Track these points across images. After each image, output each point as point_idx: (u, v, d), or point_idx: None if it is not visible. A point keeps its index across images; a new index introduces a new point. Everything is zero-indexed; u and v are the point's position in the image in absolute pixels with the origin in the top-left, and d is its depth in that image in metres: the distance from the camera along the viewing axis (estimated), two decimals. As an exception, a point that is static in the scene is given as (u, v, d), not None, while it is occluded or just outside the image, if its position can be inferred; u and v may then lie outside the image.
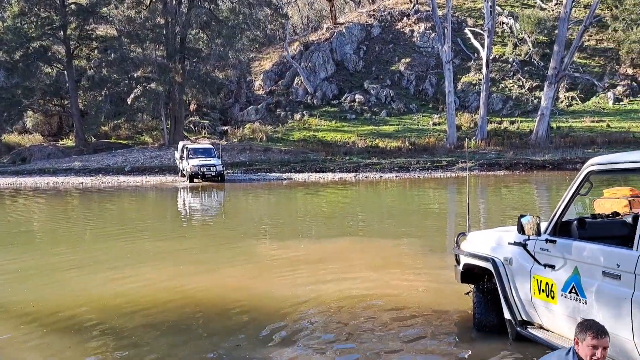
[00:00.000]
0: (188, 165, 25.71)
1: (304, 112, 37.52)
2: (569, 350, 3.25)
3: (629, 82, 37.34)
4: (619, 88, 36.95)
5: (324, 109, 38.01)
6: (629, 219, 4.00)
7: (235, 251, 9.65)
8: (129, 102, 33.85)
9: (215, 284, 7.14)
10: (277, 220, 14.45)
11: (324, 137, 34.07)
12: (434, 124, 35.47)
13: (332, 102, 38.81)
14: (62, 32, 33.65)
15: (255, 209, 17.41)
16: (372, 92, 38.86)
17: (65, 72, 34.25)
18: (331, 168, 28.39)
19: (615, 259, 3.36)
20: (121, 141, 35.50)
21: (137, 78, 33.94)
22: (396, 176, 26.69)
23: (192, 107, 38.50)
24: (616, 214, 4.38)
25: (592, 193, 4.51)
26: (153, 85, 32.83)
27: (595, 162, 3.79)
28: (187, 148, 26.97)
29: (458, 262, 5.36)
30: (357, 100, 38.29)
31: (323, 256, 8.96)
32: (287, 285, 7.00)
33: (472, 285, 5.19)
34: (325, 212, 16.19)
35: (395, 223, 13.25)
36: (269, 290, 6.79)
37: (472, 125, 34.22)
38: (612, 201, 4.62)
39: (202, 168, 25.31)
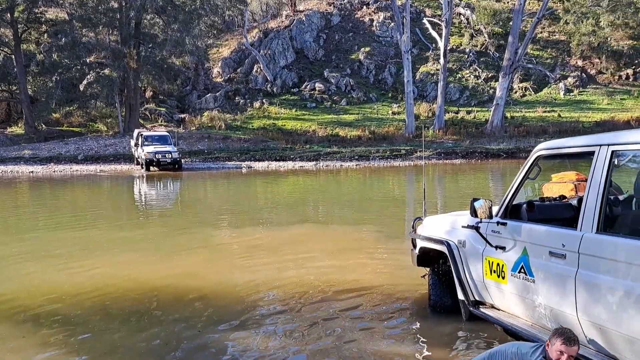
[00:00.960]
0: (143, 152, 25.14)
1: (264, 100, 37.25)
2: (541, 348, 3.39)
3: (579, 73, 38.80)
4: (569, 79, 38.35)
5: (284, 97, 37.84)
6: (575, 202, 4.17)
7: (193, 239, 9.53)
8: (81, 89, 32.75)
9: (173, 272, 7.04)
10: (236, 208, 14.34)
11: (284, 125, 33.95)
12: (393, 113, 35.90)
13: (292, 90, 38.65)
14: (9, 15, 32.08)
15: (213, 198, 17.22)
16: (332, 80, 38.93)
17: (13, 57, 32.75)
18: (291, 157, 28.36)
19: (561, 240, 3.51)
20: (74, 129, 34.28)
21: (90, 63, 32.83)
22: (356, 165, 26.91)
23: (148, 94, 37.55)
24: (563, 197, 4.57)
25: (541, 178, 4.68)
26: (107, 71, 31.84)
27: (543, 147, 3.93)
28: (141, 135, 26.37)
29: (414, 246, 5.48)
30: (317, 88, 38.27)
31: (282, 243, 8.97)
32: (246, 272, 6.98)
33: (428, 269, 5.32)
34: (285, 200, 16.18)
35: (355, 210, 13.38)
36: (227, 277, 6.76)
37: (430, 114, 34.82)
38: (559, 185, 4.81)
39: (157, 155, 24.80)
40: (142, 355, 4.34)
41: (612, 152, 3.27)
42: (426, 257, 5.28)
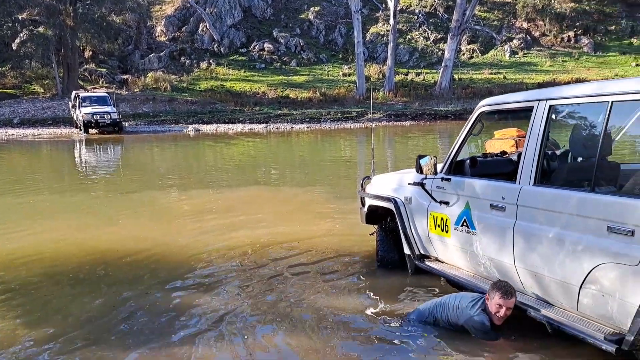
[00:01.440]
0: (80, 113, 24.14)
1: (211, 61, 36.18)
2: (481, 301, 3.56)
3: (524, 35, 39.72)
4: (514, 41, 39.22)
5: (231, 58, 36.87)
6: (515, 157, 4.31)
7: (139, 202, 9.31)
8: (14, 48, 30.64)
9: (119, 236, 6.87)
10: (184, 171, 14.07)
11: (233, 87, 33.22)
12: (344, 74, 35.76)
13: (240, 50, 37.68)
14: None
15: (160, 161, 16.79)
16: (282, 41, 38.18)
17: None
18: (241, 119, 27.91)
19: (500, 193, 3.63)
20: (7, 91, 32.27)
21: (23, 21, 30.69)
22: (307, 127, 26.82)
23: (88, 54, 35.66)
24: (504, 152, 4.71)
25: (485, 135, 4.80)
26: (41, 29, 29.90)
27: (486, 103, 4.01)
28: (79, 96, 25.26)
29: (363, 204, 5.55)
30: (266, 49, 37.48)
31: (232, 204, 8.91)
32: (195, 234, 6.91)
33: (377, 226, 5.42)
34: (235, 163, 15.99)
35: (306, 172, 13.40)
36: (176, 240, 6.66)
37: (380, 76, 34.92)
38: (501, 141, 4.95)
39: (95, 116, 23.86)
40: (87, 318, 4.25)
41: (550, 106, 3.37)
42: (374, 215, 5.36)
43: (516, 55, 38.43)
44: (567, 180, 3.46)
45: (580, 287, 3.05)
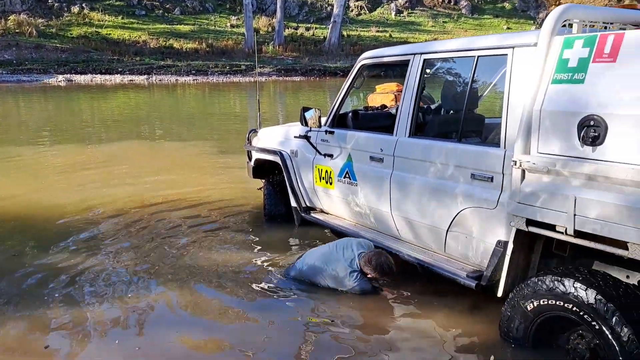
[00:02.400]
0: None
1: (84, 5, 32.86)
2: (358, 270, 3.60)
3: (409, -5, 40.89)
4: (400, 0, 40.31)
5: (107, 3, 33.78)
6: (394, 111, 4.50)
7: (4, 159, 8.41)
8: None
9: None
10: (56, 126, 12.90)
11: (110, 34, 30.62)
12: (232, 26, 34.52)
13: (118, -6, 34.63)
14: None
15: (27, 114, 15.22)
16: (165, -14, 35.67)
17: None
18: (119, 69, 25.99)
19: (379, 145, 3.79)
20: None
21: None
22: (194, 80, 25.74)
23: None
24: (384, 106, 4.90)
25: (367, 89, 4.93)
26: None
27: (366, 56, 4.10)
28: None
29: (250, 158, 5.50)
30: (147, -6, 34.82)
31: (110, 160, 8.40)
32: (71, 191, 6.44)
33: (264, 180, 5.41)
34: (114, 116, 14.97)
35: (193, 127, 12.95)
36: (50, 197, 6.16)
37: (270, 29, 34.22)
38: (382, 95, 5.13)
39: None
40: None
41: (424, 60, 3.53)
42: (262, 169, 5.35)
43: (401, 15, 39.62)
44: (438, 132, 3.68)
45: (447, 231, 3.31)
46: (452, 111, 3.82)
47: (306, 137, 4.49)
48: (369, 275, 3.61)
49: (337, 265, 3.67)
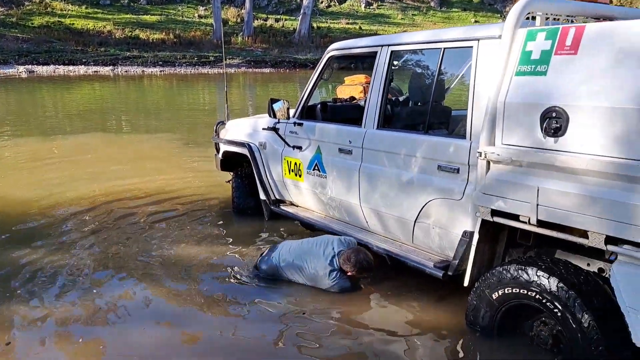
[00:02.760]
0: None
1: (46, -7, 31.83)
2: (337, 269, 3.53)
3: (378, -13, 40.98)
4: (369, -7, 40.33)
5: (71, -9, 32.78)
6: (362, 103, 4.49)
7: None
8: None
9: None
10: (18, 118, 12.47)
11: (73, 24, 29.72)
12: (200, 16, 33.97)
13: (81, -17, 33.61)
14: None
15: (-12, 107, 14.68)
16: (130, -25, 34.79)
17: None
18: (84, 60, 25.27)
19: (348, 137, 3.78)
20: None
21: None
22: (161, 71, 25.24)
23: None
24: (353, 98, 4.89)
25: (336, 81, 4.92)
26: None
27: (334, 48, 4.08)
28: None
29: (218, 150, 5.43)
30: (112, -17, 33.92)
31: (74, 152, 8.18)
32: (33, 185, 6.25)
33: (232, 173, 5.35)
34: (79, 108, 14.57)
35: (160, 119, 12.72)
36: (11, 191, 5.98)
37: (239, 20, 33.81)
38: (351, 87, 5.12)
39: None
40: None
41: (392, 52, 3.53)
42: (230, 161, 5.29)
43: (371, 7, 39.69)
44: (405, 124, 3.70)
45: (415, 222, 3.34)
46: (419, 103, 3.84)
47: (274, 129, 4.45)
48: (348, 273, 3.55)
49: (316, 263, 3.58)
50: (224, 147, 5.23)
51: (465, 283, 2.95)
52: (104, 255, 4.22)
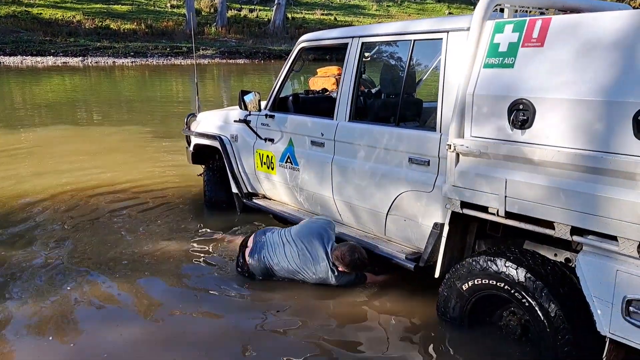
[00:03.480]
0: None
1: (12, -18, 30.81)
2: (333, 268, 3.45)
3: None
4: (344, -17, 40.14)
5: (38, -20, 31.81)
6: (335, 95, 4.46)
7: None
8: None
9: None
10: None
11: (41, 14, 28.89)
12: (172, 6, 33.38)
13: (48, -29, 32.64)
14: None
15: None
16: (100, -37, 33.92)
17: None
18: (52, 51, 24.60)
19: (320, 129, 3.75)
20: None
21: None
22: (132, 62, 24.74)
23: None
24: (325, 90, 4.86)
25: (308, 73, 4.87)
26: None
27: (305, 39, 4.03)
28: None
29: (189, 143, 5.34)
30: (81, -29, 33.01)
31: (43, 145, 7.98)
32: (0, 178, 6.07)
33: (204, 166, 5.27)
34: (47, 100, 14.19)
35: (131, 111, 12.47)
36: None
37: (212, 10, 33.33)
38: (323, 79, 5.09)
39: None
40: None
41: (362, 43, 3.51)
42: (201, 154, 5.21)
43: (346, -3, 39.56)
44: (377, 116, 3.69)
45: (387, 214, 3.34)
46: (391, 95, 3.83)
47: (246, 122, 4.40)
48: (340, 269, 3.48)
49: (315, 267, 3.48)
50: (195, 140, 5.15)
51: (436, 275, 2.97)
52: (73, 253, 4.12)
